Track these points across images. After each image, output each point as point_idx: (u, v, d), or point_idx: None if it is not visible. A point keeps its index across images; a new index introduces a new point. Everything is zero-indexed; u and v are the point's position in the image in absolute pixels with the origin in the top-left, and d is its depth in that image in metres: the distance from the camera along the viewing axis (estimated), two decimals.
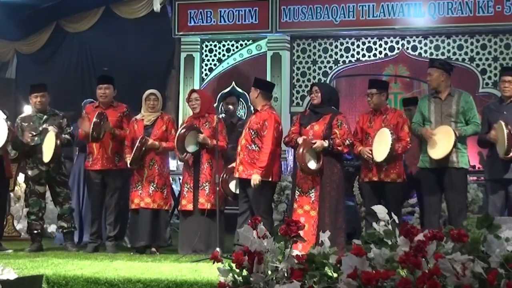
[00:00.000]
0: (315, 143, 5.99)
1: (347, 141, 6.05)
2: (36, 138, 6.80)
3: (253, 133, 6.26)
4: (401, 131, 6.23)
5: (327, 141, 6.00)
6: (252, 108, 7.84)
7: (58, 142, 6.66)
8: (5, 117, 6.66)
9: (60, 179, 6.92)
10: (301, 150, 5.96)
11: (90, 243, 6.80)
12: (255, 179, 6.12)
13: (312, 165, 5.99)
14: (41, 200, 6.90)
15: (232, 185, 6.50)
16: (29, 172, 6.84)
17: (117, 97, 6.98)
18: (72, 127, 7.09)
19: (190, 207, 6.50)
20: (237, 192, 6.45)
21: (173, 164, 9.74)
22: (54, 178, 6.85)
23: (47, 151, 6.67)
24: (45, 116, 6.92)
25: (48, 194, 7.12)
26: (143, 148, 6.49)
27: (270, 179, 6.23)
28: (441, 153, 5.94)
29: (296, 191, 6.11)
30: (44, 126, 6.85)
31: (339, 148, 6.03)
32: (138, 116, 6.72)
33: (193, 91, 6.81)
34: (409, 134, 6.24)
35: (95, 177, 6.80)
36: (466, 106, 6.07)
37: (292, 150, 7.00)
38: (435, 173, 6.10)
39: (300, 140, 6.06)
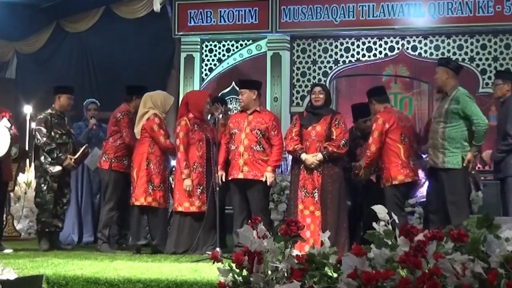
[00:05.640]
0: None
1: (342, 141, 6.06)
2: (64, 137, 6.95)
3: (259, 133, 6.28)
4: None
5: (319, 154, 6.02)
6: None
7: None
8: (9, 125, 6.65)
9: (68, 181, 7.09)
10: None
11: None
12: (271, 176, 6.23)
13: None
14: (56, 198, 6.94)
15: None
16: (51, 169, 6.85)
17: (117, 97, 7.00)
18: (73, 129, 7.30)
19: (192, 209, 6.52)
20: None
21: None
22: (64, 179, 6.95)
23: None
24: (65, 118, 7.12)
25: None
26: None
27: None
28: None
29: (302, 192, 6.09)
30: (67, 127, 7.06)
31: (334, 154, 6.06)
32: (162, 116, 6.79)
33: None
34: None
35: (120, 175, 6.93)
36: (460, 105, 5.82)
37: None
38: (434, 174, 6.11)
39: (303, 157, 6.08)
